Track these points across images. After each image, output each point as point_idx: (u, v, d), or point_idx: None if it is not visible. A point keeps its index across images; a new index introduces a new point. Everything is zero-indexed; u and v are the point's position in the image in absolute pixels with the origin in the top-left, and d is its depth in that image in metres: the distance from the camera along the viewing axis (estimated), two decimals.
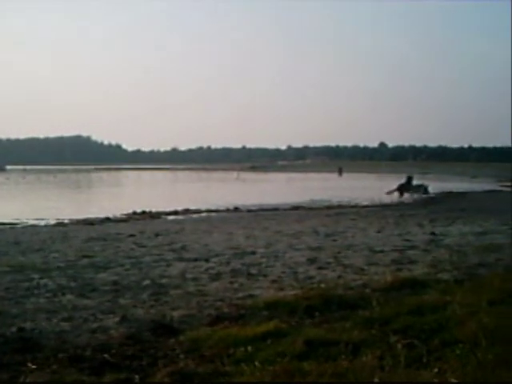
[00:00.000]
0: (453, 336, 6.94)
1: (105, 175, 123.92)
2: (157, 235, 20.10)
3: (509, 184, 73.74)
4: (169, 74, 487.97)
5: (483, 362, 5.77)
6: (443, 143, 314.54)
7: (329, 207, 36.14)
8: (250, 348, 6.92)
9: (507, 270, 12.30)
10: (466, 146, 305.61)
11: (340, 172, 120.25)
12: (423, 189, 53.05)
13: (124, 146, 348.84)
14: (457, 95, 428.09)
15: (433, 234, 20.07)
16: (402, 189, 52.43)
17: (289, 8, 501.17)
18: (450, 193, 52.46)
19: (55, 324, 8.57)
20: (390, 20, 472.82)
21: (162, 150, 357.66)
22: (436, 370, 5.89)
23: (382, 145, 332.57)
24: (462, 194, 50.41)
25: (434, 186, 59.14)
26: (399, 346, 6.53)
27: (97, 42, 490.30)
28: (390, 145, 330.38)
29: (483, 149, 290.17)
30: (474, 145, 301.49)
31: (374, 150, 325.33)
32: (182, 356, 6.97)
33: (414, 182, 55.13)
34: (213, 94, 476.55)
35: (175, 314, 9.16)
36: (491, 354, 5.93)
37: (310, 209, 35.21)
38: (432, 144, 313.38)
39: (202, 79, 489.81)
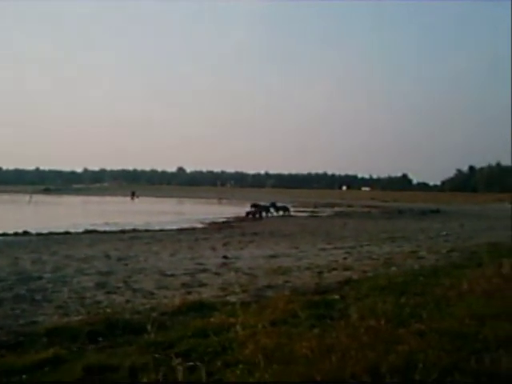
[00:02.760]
0: (234, 357, 7.01)
1: None
2: None
3: (302, 209, 76.90)
4: None
5: (260, 381, 5.83)
6: (240, 169, 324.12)
7: (123, 231, 35.61)
8: (25, 377, 6.59)
9: (293, 291, 12.68)
10: (262, 172, 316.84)
11: (132, 196, 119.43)
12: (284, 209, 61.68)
13: None
14: (251, 122, 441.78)
15: (225, 257, 20.35)
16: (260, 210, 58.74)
17: None
18: (245, 218, 53.60)
19: None
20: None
21: None
22: None
23: (181, 169, 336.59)
24: (256, 219, 51.70)
25: (232, 211, 60.72)
26: (181, 368, 6.44)
27: None
28: (189, 170, 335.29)
29: (279, 175, 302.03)
30: (271, 171, 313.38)
31: (172, 174, 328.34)
32: None
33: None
34: (2, 112, 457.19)
35: None
36: (268, 373, 6.01)
37: (104, 232, 34.56)
38: (230, 170, 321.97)
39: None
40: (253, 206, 58.96)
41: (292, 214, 61.26)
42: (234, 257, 20.57)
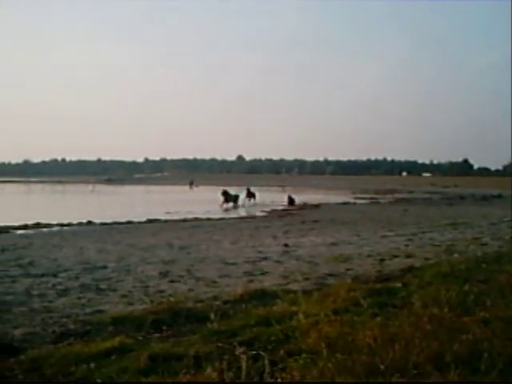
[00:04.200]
0: (297, 346, 7.04)
1: None
2: (3, 250, 19.21)
3: (361, 196, 76.30)
4: (17, 82, 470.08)
5: (323, 370, 5.84)
6: (299, 156, 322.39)
7: (185, 220, 35.90)
8: (92, 365, 6.73)
9: (355, 279, 12.65)
10: (321, 159, 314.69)
11: (191, 185, 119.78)
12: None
13: None
14: (310, 109, 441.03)
15: (286, 245, 20.38)
16: (229, 199, 54.61)
17: None
18: (305, 205, 53.31)
19: None
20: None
21: (13, 162, 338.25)
22: (279, 380, 5.93)
23: (240, 158, 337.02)
24: (315, 206, 51.36)
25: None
26: (244, 357, 6.50)
27: None
28: (248, 158, 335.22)
29: (338, 162, 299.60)
30: (330, 158, 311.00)
31: (232, 162, 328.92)
32: (20, 376, 6.70)
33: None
34: (66, 105, 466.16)
35: (17, 332, 8.79)
36: (331, 362, 6.02)
37: (166, 221, 34.89)
38: (289, 157, 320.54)
39: (54, 89, 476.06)
40: (223, 193, 55.00)
41: (257, 202, 57.23)
42: (294, 245, 20.58)
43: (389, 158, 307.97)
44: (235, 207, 53.27)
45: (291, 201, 54.12)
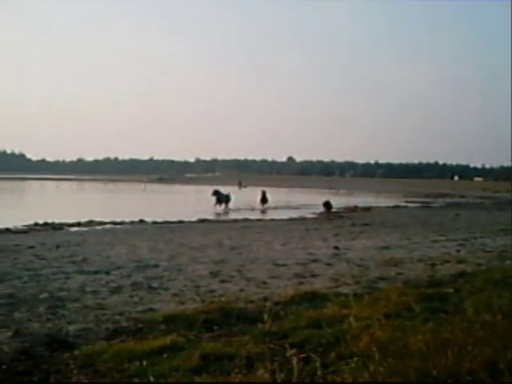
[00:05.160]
0: (348, 349, 7.03)
1: (7, 184, 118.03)
2: (58, 247, 19.51)
3: (412, 199, 75.50)
4: (73, 83, 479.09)
5: (375, 374, 5.83)
6: (350, 158, 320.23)
7: (235, 220, 36.12)
8: (145, 362, 6.84)
9: (406, 283, 12.58)
10: (372, 161, 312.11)
11: (240, 185, 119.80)
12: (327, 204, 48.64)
13: (28, 156, 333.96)
14: (360, 109, 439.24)
15: (336, 248, 20.29)
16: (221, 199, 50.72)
17: None
18: (355, 207, 53.02)
19: None
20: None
21: (67, 160, 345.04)
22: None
23: (290, 159, 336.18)
24: (366, 209, 51.01)
25: (343, 201, 60.28)
26: (295, 359, 6.52)
27: None
28: (298, 159, 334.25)
29: (389, 165, 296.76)
30: (381, 161, 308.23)
31: (282, 164, 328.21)
32: (75, 371, 6.83)
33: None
34: (119, 104, 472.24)
35: (72, 327, 8.98)
36: (383, 366, 6.00)
37: (217, 221, 35.12)
38: (339, 159, 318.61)
39: (108, 89, 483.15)
40: (215, 193, 50.95)
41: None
42: (344, 247, 20.49)
43: (440, 162, 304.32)
44: (226, 208, 49.64)
45: (328, 206, 47.86)
